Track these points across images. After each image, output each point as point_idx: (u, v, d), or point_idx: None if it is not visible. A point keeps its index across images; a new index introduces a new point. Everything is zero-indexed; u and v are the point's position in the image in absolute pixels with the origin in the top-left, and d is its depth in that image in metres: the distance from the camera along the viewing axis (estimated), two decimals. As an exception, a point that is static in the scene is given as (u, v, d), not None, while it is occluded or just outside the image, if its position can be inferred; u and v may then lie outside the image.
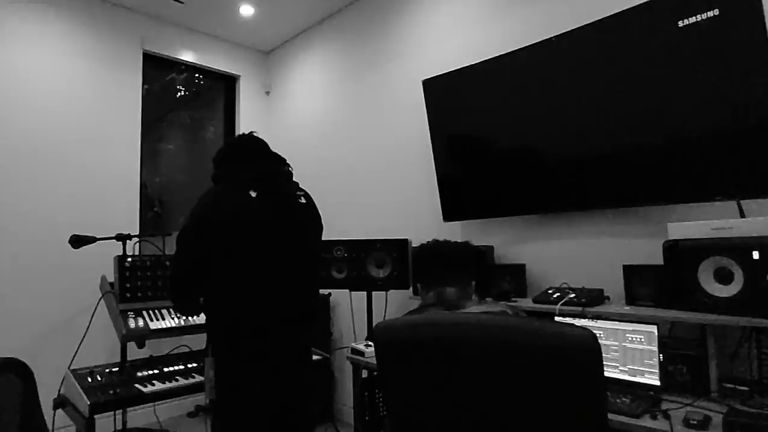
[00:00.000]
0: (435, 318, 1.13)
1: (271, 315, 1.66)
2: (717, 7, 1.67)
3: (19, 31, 3.07)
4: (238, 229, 1.62)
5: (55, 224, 3.05)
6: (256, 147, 1.81)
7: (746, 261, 1.47)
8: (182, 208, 4.08)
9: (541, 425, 0.92)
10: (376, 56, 3.32)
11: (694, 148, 1.77)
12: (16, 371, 1.34)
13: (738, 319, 1.47)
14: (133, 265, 2.12)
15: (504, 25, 2.58)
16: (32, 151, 3.06)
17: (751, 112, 1.63)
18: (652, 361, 1.57)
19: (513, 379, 0.93)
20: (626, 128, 1.95)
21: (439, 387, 1.00)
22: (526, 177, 2.30)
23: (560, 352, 0.87)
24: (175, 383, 1.83)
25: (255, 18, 3.75)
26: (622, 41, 1.93)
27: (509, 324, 0.96)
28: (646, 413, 1.38)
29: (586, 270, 2.17)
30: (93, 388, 1.70)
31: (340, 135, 3.60)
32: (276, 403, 1.68)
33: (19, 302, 2.89)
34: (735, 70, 1.65)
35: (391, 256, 2.60)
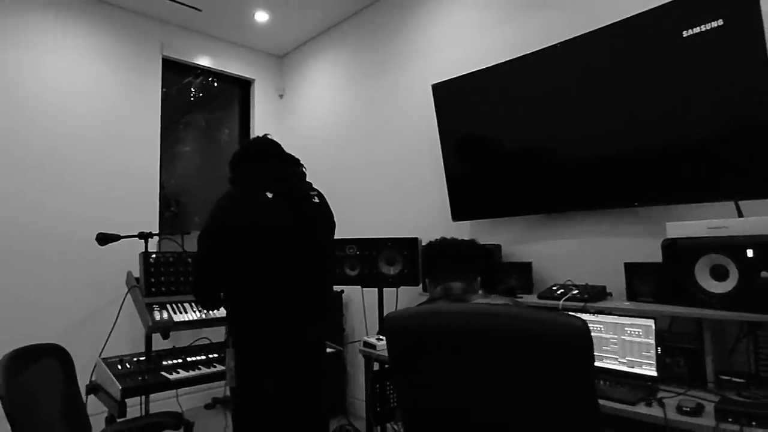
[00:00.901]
0: (440, 308, 1.23)
1: (288, 309, 1.76)
2: (722, 18, 1.73)
3: (48, 39, 3.22)
4: (255, 228, 1.72)
5: (81, 222, 3.20)
6: (271, 149, 1.91)
7: (741, 259, 1.54)
8: (197, 208, 4.22)
9: (536, 405, 1.01)
10: (387, 60, 3.42)
11: (694, 151, 1.84)
12: (56, 355, 1.46)
13: (732, 314, 1.54)
14: (157, 261, 2.24)
15: (509, 31, 2.66)
16: (60, 153, 3.21)
17: (748, 117, 1.70)
18: (650, 353, 1.65)
19: (511, 363, 1.02)
20: (629, 132, 2.02)
21: (444, 370, 1.09)
22: (532, 178, 2.38)
23: (554, 339, 0.96)
24: (198, 372, 1.96)
25: (269, 24, 3.88)
26: (626, 47, 2.00)
27: (508, 313, 1.05)
28: (641, 401, 1.46)
29: (589, 267, 2.24)
30: (123, 374, 1.83)
31: (351, 137, 3.70)
32: (292, 392, 1.78)
33: (49, 296, 3.05)
34: (734, 77, 1.72)
35: (402, 254, 2.70)
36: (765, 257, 1.48)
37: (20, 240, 3.00)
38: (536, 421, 1.01)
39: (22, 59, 3.11)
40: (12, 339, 2.87)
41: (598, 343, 1.80)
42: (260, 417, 1.75)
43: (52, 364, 1.42)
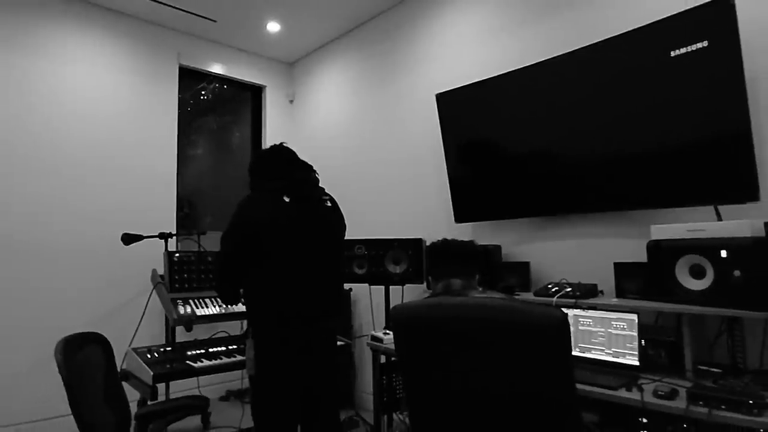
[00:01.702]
0: (441, 301, 1.39)
1: (303, 304, 1.92)
2: (707, 39, 1.88)
3: (72, 50, 3.42)
4: (274, 230, 1.89)
5: (104, 222, 3.39)
6: (287, 156, 2.08)
7: (716, 259, 1.69)
8: (209, 209, 4.40)
9: (521, 384, 1.17)
10: (392, 69, 3.59)
11: (678, 159, 1.99)
12: (99, 343, 1.65)
13: (708, 309, 1.69)
14: (180, 260, 2.43)
15: (508, 43, 2.82)
16: (84, 158, 3.41)
17: (726, 130, 1.84)
18: (633, 344, 1.81)
19: (500, 347, 1.18)
20: (619, 141, 2.18)
21: (443, 354, 1.26)
22: (531, 183, 2.53)
23: (535, 327, 1.12)
24: (220, 361, 2.13)
25: (280, 33, 4.05)
26: (618, 63, 2.15)
27: (497, 305, 1.21)
28: (623, 387, 1.62)
29: (583, 267, 2.40)
30: (152, 362, 2.01)
31: (359, 141, 3.87)
32: (307, 379, 1.94)
33: (77, 292, 3.25)
34: (715, 92, 1.86)
35: (407, 253, 2.87)
36: (737, 257, 1.63)
37: (49, 240, 3.20)
38: (522, 398, 1.17)
39: (48, 69, 3.30)
40: (44, 331, 3.09)
41: (587, 336, 1.96)
42: (277, 402, 1.92)
43: (96, 350, 1.60)
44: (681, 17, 1.93)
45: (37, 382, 3.01)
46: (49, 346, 3.08)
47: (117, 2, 3.51)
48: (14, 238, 3.06)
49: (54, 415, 3.01)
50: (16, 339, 3.02)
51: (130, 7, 3.58)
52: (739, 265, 1.62)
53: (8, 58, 3.16)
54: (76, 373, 1.38)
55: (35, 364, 2.99)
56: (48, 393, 3.05)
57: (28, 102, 3.21)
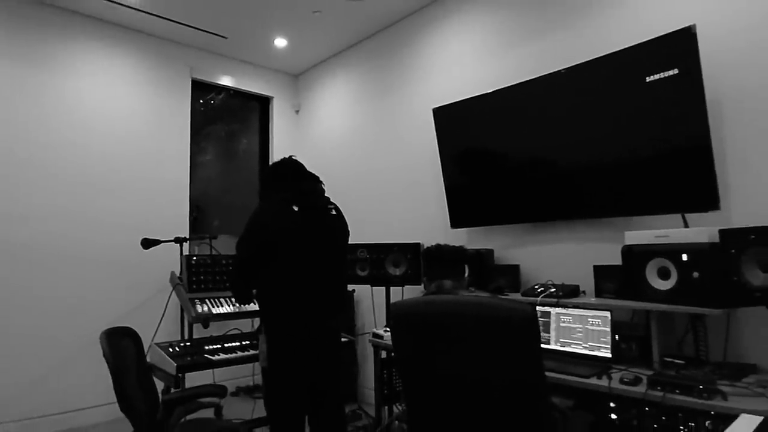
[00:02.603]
0: (434, 298, 1.61)
1: (310, 303, 2.13)
2: (677, 67, 2.08)
3: (92, 66, 3.67)
4: (284, 236, 2.09)
5: (124, 228, 3.63)
6: (295, 168, 2.28)
7: (678, 262, 1.89)
8: (217, 213, 4.61)
9: (500, 368, 1.37)
10: (392, 83, 3.81)
11: (649, 172, 2.20)
12: (131, 336, 1.86)
13: (672, 307, 1.90)
14: (197, 263, 2.65)
15: (499, 62, 3.04)
16: (104, 169, 3.65)
17: (690, 146, 2.05)
18: (606, 339, 2.01)
19: (481, 337, 1.38)
20: (599, 155, 2.39)
21: (434, 343, 1.47)
22: (521, 192, 2.74)
23: (508, 319, 1.33)
24: (235, 354, 2.35)
25: (287, 48, 4.29)
26: (600, 83, 2.35)
27: (479, 302, 1.42)
28: (594, 375, 1.82)
29: (568, 269, 2.60)
30: (174, 355, 2.23)
31: (361, 150, 4.10)
32: (313, 371, 2.15)
33: (100, 294, 3.50)
34: (683, 114, 2.06)
35: (406, 257, 3.08)
36: (696, 261, 1.83)
37: (73, 246, 3.44)
38: (498, 382, 1.38)
39: (69, 85, 3.55)
40: (71, 328, 3.32)
41: (567, 331, 2.17)
42: (287, 392, 2.12)
43: (128, 342, 1.82)
44: (653, 43, 2.14)
45: (68, 374, 3.26)
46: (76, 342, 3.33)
47: (135, 21, 3.75)
48: (43, 245, 3.30)
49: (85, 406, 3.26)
50: (45, 338, 3.26)
51: (147, 25, 3.82)
52: (698, 268, 1.82)
53: (33, 75, 3.40)
54: (118, 359, 1.60)
55: (64, 359, 3.24)
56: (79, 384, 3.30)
57: (51, 116, 3.46)
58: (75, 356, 3.29)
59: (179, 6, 3.55)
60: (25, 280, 3.23)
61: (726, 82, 2.10)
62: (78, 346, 3.31)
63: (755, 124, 2.03)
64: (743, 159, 2.06)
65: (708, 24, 2.11)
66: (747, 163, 2.05)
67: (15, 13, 3.33)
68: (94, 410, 3.36)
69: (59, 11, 3.52)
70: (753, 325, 1.98)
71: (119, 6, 3.50)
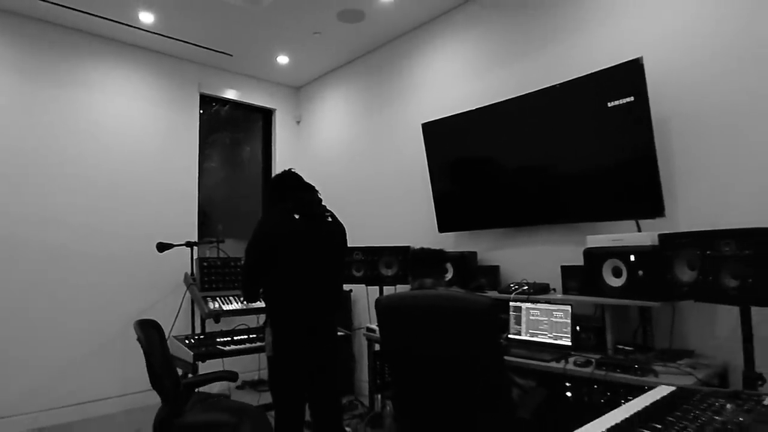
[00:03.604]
0: (414, 293, 1.91)
1: (310, 300, 2.42)
2: (632, 95, 2.38)
3: (110, 84, 3.98)
4: (287, 242, 2.38)
5: (140, 232, 3.94)
6: (295, 181, 2.57)
7: (627, 262, 2.19)
8: (220, 217, 4.90)
9: (466, 349, 1.67)
10: (385, 98, 4.12)
11: (609, 184, 2.50)
12: (155, 327, 2.17)
13: (622, 301, 2.19)
14: (209, 265, 2.95)
15: (482, 82, 3.35)
16: (122, 178, 3.96)
17: (640, 164, 2.34)
18: (567, 330, 2.31)
19: (450, 325, 1.69)
20: (568, 168, 2.69)
21: (413, 329, 1.77)
22: (500, 200, 3.04)
23: (470, 310, 1.64)
24: (244, 345, 2.65)
25: (289, 64, 4.60)
26: (567, 104, 2.65)
27: (449, 296, 1.73)
28: (554, 360, 2.12)
29: (541, 269, 2.89)
30: (190, 346, 2.53)
31: (356, 160, 4.40)
32: (313, 358, 2.44)
33: (118, 291, 3.81)
34: (635, 135, 2.36)
35: (398, 259, 3.37)
36: (640, 261, 2.13)
37: (95, 248, 3.75)
38: (464, 361, 1.68)
39: (89, 101, 3.87)
40: (93, 323, 3.64)
41: (535, 323, 2.47)
42: (290, 377, 2.41)
43: (154, 332, 2.12)
44: (610, 71, 2.44)
45: (90, 366, 3.57)
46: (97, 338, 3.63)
47: (148, 41, 4.07)
48: (69, 248, 3.62)
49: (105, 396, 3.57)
50: (69, 333, 3.57)
51: (159, 45, 4.13)
52: (642, 267, 2.12)
53: (57, 93, 3.72)
54: (148, 344, 1.90)
55: (87, 353, 3.56)
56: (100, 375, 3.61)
57: (76, 130, 3.78)
58: (97, 350, 3.60)
59: (189, 27, 3.86)
60: (50, 279, 3.54)
61: (673, 104, 2.40)
62: (99, 341, 3.63)
63: (698, 141, 2.33)
64: (688, 171, 2.36)
65: (662, 52, 2.42)
66: (691, 175, 2.35)
67: (39, 37, 3.65)
68: (114, 400, 3.67)
69: (81, 34, 3.84)
70: (694, 317, 2.27)
71: (135, 29, 3.82)
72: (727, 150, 2.23)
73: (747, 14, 2.19)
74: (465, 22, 3.52)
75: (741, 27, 2.21)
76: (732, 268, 1.68)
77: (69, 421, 3.49)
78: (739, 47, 2.21)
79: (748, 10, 2.19)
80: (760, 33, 2.15)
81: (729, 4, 2.25)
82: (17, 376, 3.35)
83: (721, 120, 2.26)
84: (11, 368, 3.33)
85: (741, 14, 2.21)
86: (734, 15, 2.23)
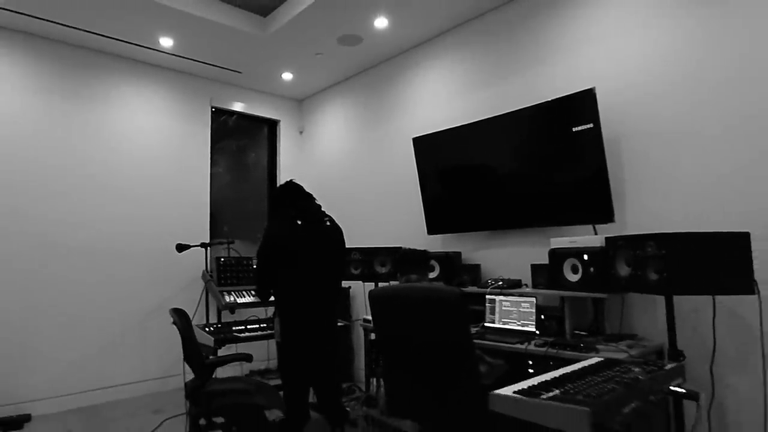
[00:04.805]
0: (402, 286, 2.32)
1: (312, 295, 2.83)
2: (591, 122, 2.79)
3: (129, 99, 4.40)
4: (292, 245, 2.78)
5: (158, 233, 4.35)
6: (296, 190, 2.96)
7: (582, 260, 2.60)
8: (226, 219, 5.29)
9: (441, 333, 2.08)
10: (380, 112, 4.54)
11: (571, 194, 2.91)
12: (183, 315, 2.58)
13: (577, 293, 2.60)
14: (224, 263, 3.36)
15: (466, 101, 3.77)
16: (143, 185, 4.38)
17: (595, 177, 2.76)
18: (532, 318, 2.72)
19: (429, 312, 2.09)
20: (538, 180, 3.10)
21: (399, 316, 2.18)
22: (482, 206, 3.45)
23: (443, 299, 2.04)
24: (257, 333, 3.06)
25: (292, 80, 5.02)
26: (540, 124, 3.06)
27: (427, 288, 2.14)
28: (519, 342, 2.53)
29: (515, 267, 3.31)
30: (211, 333, 2.94)
31: (354, 167, 4.82)
32: (316, 343, 2.84)
33: (139, 288, 4.23)
34: (591, 154, 2.78)
35: (391, 258, 3.78)
36: (591, 259, 2.53)
37: (119, 248, 4.17)
38: (440, 343, 2.08)
39: (111, 116, 4.29)
40: (121, 314, 4.04)
41: (507, 313, 2.88)
42: (296, 359, 2.81)
43: (184, 319, 2.54)
44: (570, 98, 2.85)
45: (113, 353, 3.98)
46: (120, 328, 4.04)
47: (166, 61, 4.49)
48: (94, 247, 4.04)
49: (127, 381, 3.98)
50: (95, 322, 3.99)
51: (176, 64, 4.55)
52: (593, 264, 2.53)
53: (86, 109, 4.14)
54: (184, 328, 2.31)
55: (110, 342, 3.96)
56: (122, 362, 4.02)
57: (101, 142, 4.19)
58: (119, 340, 4.02)
59: (204, 49, 4.27)
60: (77, 276, 3.96)
61: (623, 126, 2.82)
62: (121, 331, 4.05)
63: (642, 158, 2.74)
64: (635, 183, 2.78)
65: (614, 82, 2.84)
66: (638, 186, 2.77)
67: (72, 60, 4.07)
68: (135, 385, 4.08)
69: (108, 56, 4.26)
70: (640, 306, 2.69)
71: (156, 51, 4.24)
72: (665, 165, 2.65)
73: (682, 49, 2.61)
74: (452, 47, 3.94)
75: (677, 60, 2.63)
76: (653, 265, 2.09)
77: (95, 403, 3.90)
78: (675, 78, 2.63)
79: (684, 47, 2.61)
80: (693, 66, 2.57)
81: (667, 42, 2.67)
82: (50, 362, 3.76)
83: (660, 140, 2.68)
84: (45, 355, 3.75)
85: (677, 50, 2.63)
86: (672, 50, 2.65)
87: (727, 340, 2.36)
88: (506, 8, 3.53)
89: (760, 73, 2.34)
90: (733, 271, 1.99)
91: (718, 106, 2.47)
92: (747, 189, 2.36)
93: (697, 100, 2.55)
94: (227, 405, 2.29)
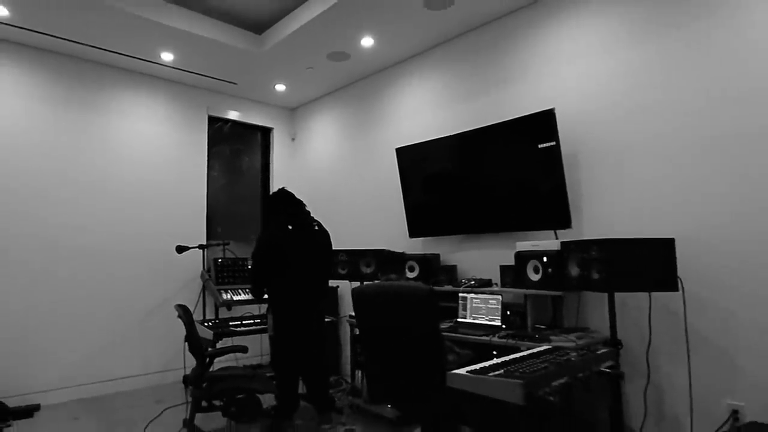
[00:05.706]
0: (382, 284, 2.64)
1: (302, 293, 3.14)
2: (554, 141, 3.13)
3: (130, 108, 4.68)
4: (284, 249, 3.09)
5: (158, 235, 4.63)
6: (287, 197, 3.28)
7: (542, 262, 2.93)
8: (220, 221, 5.55)
9: (415, 324, 2.40)
10: (366, 123, 4.86)
11: (534, 203, 3.25)
12: (185, 309, 2.87)
13: (539, 291, 2.93)
14: (222, 263, 3.66)
15: (446, 115, 4.10)
16: (144, 190, 4.65)
17: (556, 190, 3.10)
18: (498, 314, 3.06)
19: (404, 306, 2.41)
20: (506, 189, 3.43)
21: (379, 309, 2.49)
22: (458, 212, 3.78)
23: (415, 295, 2.36)
24: (252, 327, 3.37)
25: (285, 91, 5.32)
26: (510, 139, 3.40)
27: (401, 285, 2.46)
28: (484, 334, 2.86)
29: (487, 268, 3.64)
30: (210, 328, 3.24)
31: (342, 174, 5.13)
32: (305, 337, 3.16)
33: (140, 287, 4.50)
34: (553, 169, 3.11)
35: (375, 259, 4.10)
36: (550, 261, 2.87)
37: (120, 249, 4.44)
38: (413, 333, 2.40)
39: (116, 125, 4.56)
40: (124, 312, 4.32)
41: (476, 309, 3.21)
42: (287, 352, 3.13)
43: (188, 313, 2.83)
44: (535, 116, 3.19)
45: (118, 348, 4.26)
46: (122, 324, 4.30)
47: (165, 73, 4.77)
48: (97, 249, 4.31)
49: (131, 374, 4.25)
50: (100, 318, 4.26)
51: (175, 76, 4.84)
52: (551, 266, 2.86)
53: (89, 119, 4.41)
54: (188, 322, 2.61)
55: (114, 338, 4.24)
56: (125, 355, 4.29)
57: (103, 149, 4.47)
58: (122, 335, 4.30)
59: (202, 62, 4.56)
60: (83, 276, 4.23)
61: (579, 142, 3.16)
62: (123, 327, 4.32)
63: (596, 171, 3.09)
64: (590, 193, 3.12)
65: (572, 101, 3.18)
66: (592, 196, 3.11)
67: (77, 72, 4.34)
68: (137, 378, 4.36)
69: (111, 68, 4.53)
70: (594, 303, 3.03)
71: (156, 64, 4.52)
72: (615, 177, 3.00)
73: (633, 74, 2.96)
74: (432, 65, 4.27)
75: (628, 84, 2.97)
76: (596, 266, 2.44)
77: (100, 394, 4.18)
78: (625, 100, 2.98)
79: (634, 71, 2.95)
80: (641, 90, 2.91)
81: (618, 67, 3.02)
82: (58, 356, 4.04)
83: (612, 155, 3.02)
84: (53, 350, 4.02)
85: (628, 74, 2.98)
86: (622, 74, 3.00)
87: (662, 332, 2.71)
88: (481, 30, 3.86)
89: (708, 102, 2.69)
90: (660, 271, 2.33)
91: (661, 126, 2.82)
92: (676, 198, 2.71)
93: (641, 120, 2.90)
94: (227, 389, 2.59)
